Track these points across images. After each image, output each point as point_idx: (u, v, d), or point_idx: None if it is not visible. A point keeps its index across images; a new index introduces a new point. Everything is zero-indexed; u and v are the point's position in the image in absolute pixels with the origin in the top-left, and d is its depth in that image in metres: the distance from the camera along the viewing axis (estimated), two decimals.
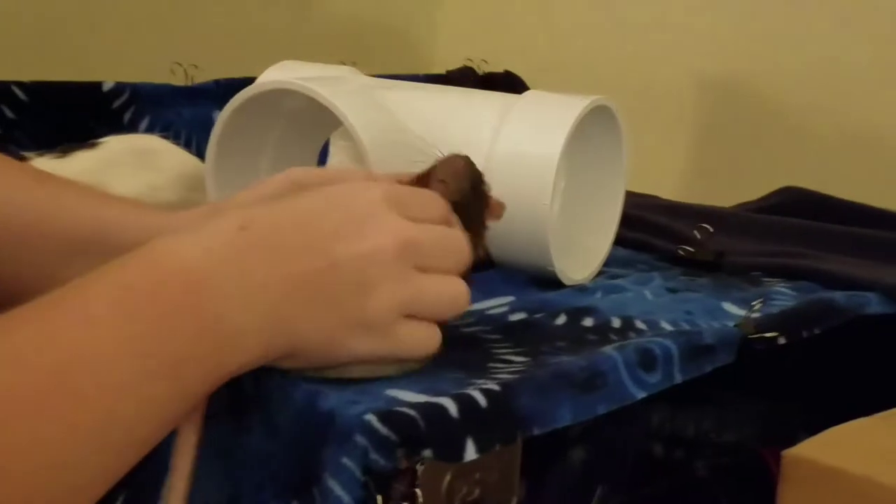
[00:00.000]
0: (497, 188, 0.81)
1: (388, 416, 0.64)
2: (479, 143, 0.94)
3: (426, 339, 0.71)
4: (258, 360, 0.66)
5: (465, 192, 0.77)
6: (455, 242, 0.72)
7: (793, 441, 0.79)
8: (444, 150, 0.79)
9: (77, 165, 1.05)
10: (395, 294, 0.68)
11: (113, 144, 1.09)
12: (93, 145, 1.09)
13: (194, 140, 1.33)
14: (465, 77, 1.64)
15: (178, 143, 1.31)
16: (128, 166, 1.07)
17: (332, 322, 0.67)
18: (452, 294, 0.71)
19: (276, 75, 1.08)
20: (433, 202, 0.73)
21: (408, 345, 0.70)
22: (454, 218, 0.75)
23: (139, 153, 1.10)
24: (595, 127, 1.00)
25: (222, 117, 0.94)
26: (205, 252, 0.64)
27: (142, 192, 1.05)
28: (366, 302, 0.67)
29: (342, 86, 0.95)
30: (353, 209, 0.69)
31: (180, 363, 0.61)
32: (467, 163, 0.79)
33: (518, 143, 0.94)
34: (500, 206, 0.82)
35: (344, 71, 1.09)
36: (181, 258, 0.63)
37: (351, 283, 0.67)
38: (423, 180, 0.78)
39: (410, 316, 0.70)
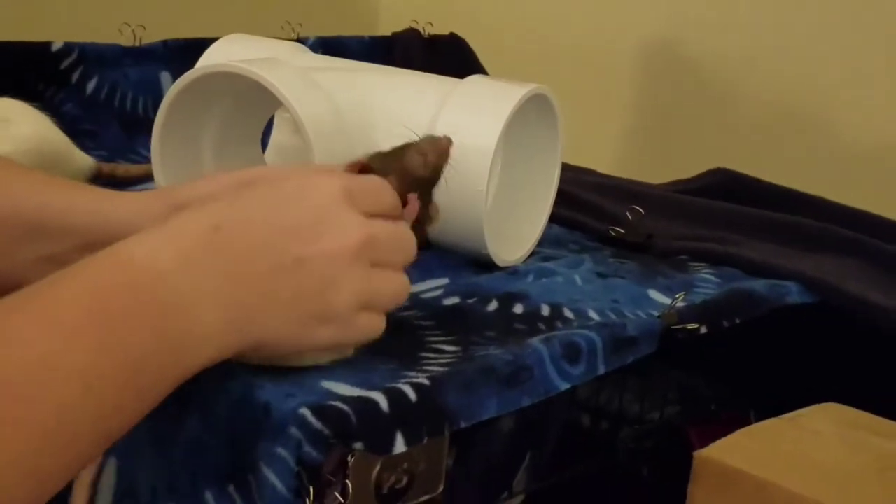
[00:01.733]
0: None
1: (321, 411, 0.67)
2: (418, 128, 0.96)
3: (377, 327, 0.75)
4: (220, 357, 0.67)
5: (438, 170, 0.82)
6: (404, 240, 0.76)
7: (718, 421, 0.83)
8: (385, 133, 0.83)
9: None
10: (355, 290, 0.71)
11: None
12: None
13: (140, 101, 1.34)
14: (410, 40, 1.65)
15: (124, 104, 1.32)
16: None
17: (296, 317, 0.70)
18: (398, 289, 0.75)
19: (225, 49, 1.09)
20: (385, 193, 0.76)
21: (362, 333, 0.74)
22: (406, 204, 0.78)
23: None
24: (532, 111, 1.02)
25: (168, 98, 0.95)
26: (178, 252, 0.65)
27: None
28: (329, 297, 0.70)
29: (287, 69, 0.96)
30: (314, 205, 0.71)
31: (141, 363, 0.62)
32: (450, 144, 0.82)
33: (456, 130, 0.96)
34: (437, 210, 0.84)
35: (290, 48, 1.11)
36: (153, 259, 0.64)
37: (315, 279, 0.70)
38: (395, 154, 0.81)
39: (364, 307, 0.73)
